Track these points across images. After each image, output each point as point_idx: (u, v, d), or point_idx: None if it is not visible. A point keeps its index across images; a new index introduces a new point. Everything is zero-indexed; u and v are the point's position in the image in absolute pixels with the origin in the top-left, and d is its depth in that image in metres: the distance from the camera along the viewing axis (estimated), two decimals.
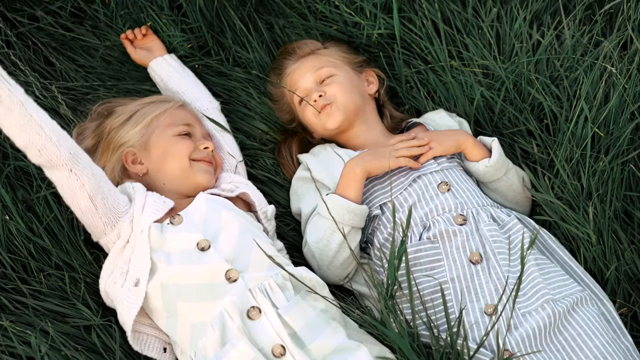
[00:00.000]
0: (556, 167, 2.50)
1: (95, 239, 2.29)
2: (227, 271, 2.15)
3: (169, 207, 2.27)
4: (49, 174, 2.14)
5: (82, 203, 2.17)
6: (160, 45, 2.77)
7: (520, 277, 1.95)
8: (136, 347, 2.21)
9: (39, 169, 2.31)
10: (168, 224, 2.23)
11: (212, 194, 2.37)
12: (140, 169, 2.41)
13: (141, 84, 2.79)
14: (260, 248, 2.15)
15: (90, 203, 2.17)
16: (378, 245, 2.39)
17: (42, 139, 2.06)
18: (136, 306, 2.16)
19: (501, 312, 2.12)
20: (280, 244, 2.43)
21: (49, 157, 2.09)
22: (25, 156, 2.13)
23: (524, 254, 1.97)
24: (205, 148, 2.44)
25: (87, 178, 2.14)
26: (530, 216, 2.53)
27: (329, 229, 2.34)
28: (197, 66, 2.79)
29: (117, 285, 2.21)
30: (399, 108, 2.78)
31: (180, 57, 2.76)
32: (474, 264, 2.28)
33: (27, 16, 2.86)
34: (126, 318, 2.18)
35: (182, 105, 2.53)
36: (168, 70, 2.69)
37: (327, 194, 2.36)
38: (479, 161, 2.44)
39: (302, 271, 2.20)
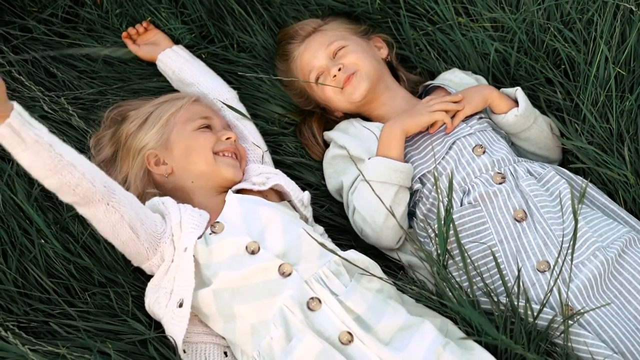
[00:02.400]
0: (582, 112, 2.47)
1: (136, 264, 2.21)
2: (280, 266, 2.10)
3: (206, 218, 2.20)
4: (84, 210, 2.04)
5: (123, 234, 2.08)
6: (165, 38, 2.69)
7: (575, 233, 1.93)
8: None
9: None
10: (210, 234, 2.17)
11: (242, 189, 2.32)
12: (165, 169, 2.34)
13: (147, 81, 2.71)
14: (312, 236, 2.10)
15: (132, 232, 2.09)
16: (421, 217, 2.36)
17: (75, 177, 1.95)
18: (182, 328, 2.10)
19: (560, 269, 2.10)
20: (321, 229, 2.39)
21: (84, 194, 1.98)
22: None
23: (576, 207, 1.94)
24: (228, 138, 2.38)
25: (125, 208, 2.05)
26: (562, 165, 2.50)
27: (377, 190, 2.29)
28: (203, 55, 2.71)
29: (161, 306, 2.15)
30: (411, 72, 2.73)
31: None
32: (519, 222, 2.26)
33: (18, 28, 2.76)
34: (175, 338, 2.12)
35: (197, 99, 2.47)
36: (179, 62, 2.61)
37: (369, 158, 2.32)
38: (507, 112, 2.40)
39: (353, 254, 2.16)
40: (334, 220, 2.50)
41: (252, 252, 2.12)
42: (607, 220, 2.30)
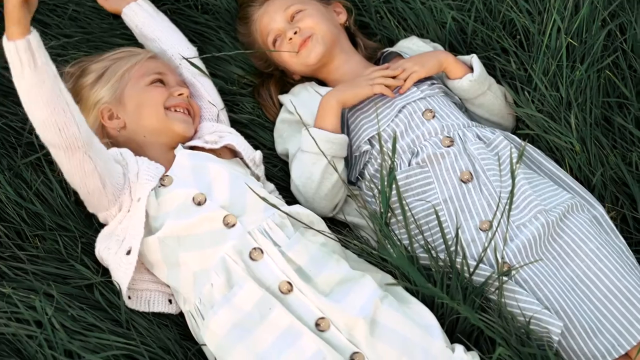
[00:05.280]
0: (534, 81, 2.52)
1: (92, 212, 2.27)
2: (225, 217, 2.15)
3: (161, 172, 2.25)
4: (60, 154, 2.08)
5: (92, 184, 2.13)
6: None
7: (512, 191, 1.98)
8: (138, 307, 2.21)
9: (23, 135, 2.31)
10: (159, 187, 2.22)
11: (194, 146, 2.37)
12: (118, 123, 2.39)
13: (111, 36, 2.74)
14: (253, 190, 2.16)
15: (100, 184, 2.14)
16: (369, 177, 2.41)
17: (66, 116, 2.01)
18: (127, 276, 2.16)
19: (497, 228, 2.15)
20: (271, 186, 2.43)
21: (68, 137, 2.03)
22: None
23: (514, 167, 2.00)
24: (180, 94, 2.42)
25: (99, 160, 2.11)
26: (513, 133, 2.55)
27: (309, 161, 2.36)
28: (168, 12, 2.75)
29: (110, 252, 2.20)
30: (371, 38, 2.78)
31: None
32: (464, 182, 2.31)
33: None
34: (121, 285, 2.18)
35: (153, 56, 2.51)
36: (142, 16, 2.64)
37: (305, 129, 2.38)
38: (462, 77, 2.46)
39: (297, 208, 2.21)
40: (285, 180, 2.54)
41: (199, 203, 2.17)
42: (552, 186, 2.35)
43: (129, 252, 2.17)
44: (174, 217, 2.16)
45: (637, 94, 2.53)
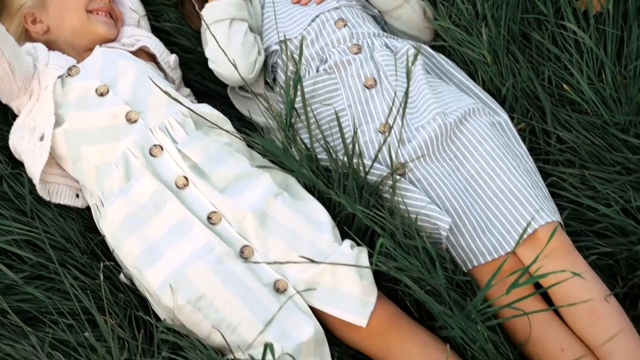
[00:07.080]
0: None
1: (5, 102, 2.35)
2: (127, 113, 2.21)
3: (71, 63, 2.32)
4: None
5: (1, 70, 2.22)
6: None
7: (407, 90, 2.02)
8: (47, 197, 2.28)
9: None
10: (67, 76, 2.29)
11: (111, 48, 2.42)
12: (41, 27, 2.45)
13: None
14: (156, 85, 2.21)
15: (8, 69, 2.22)
16: (281, 84, 2.46)
17: None
18: (42, 160, 2.23)
19: (391, 128, 2.19)
20: (187, 90, 2.50)
21: None
22: None
23: (409, 67, 2.04)
24: None
25: (6, 46, 2.19)
26: (428, 45, 2.59)
27: (214, 30, 2.44)
28: None
29: (24, 140, 2.27)
30: None
31: None
32: (368, 88, 2.35)
33: None
34: (33, 171, 2.25)
35: None
36: None
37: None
38: None
39: (202, 107, 2.26)
40: (203, 84, 2.60)
41: (101, 94, 2.23)
42: (457, 93, 2.38)
43: (42, 138, 2.24)
44: (76, 107, 2.22)
45: (555, 12, 2.56)
